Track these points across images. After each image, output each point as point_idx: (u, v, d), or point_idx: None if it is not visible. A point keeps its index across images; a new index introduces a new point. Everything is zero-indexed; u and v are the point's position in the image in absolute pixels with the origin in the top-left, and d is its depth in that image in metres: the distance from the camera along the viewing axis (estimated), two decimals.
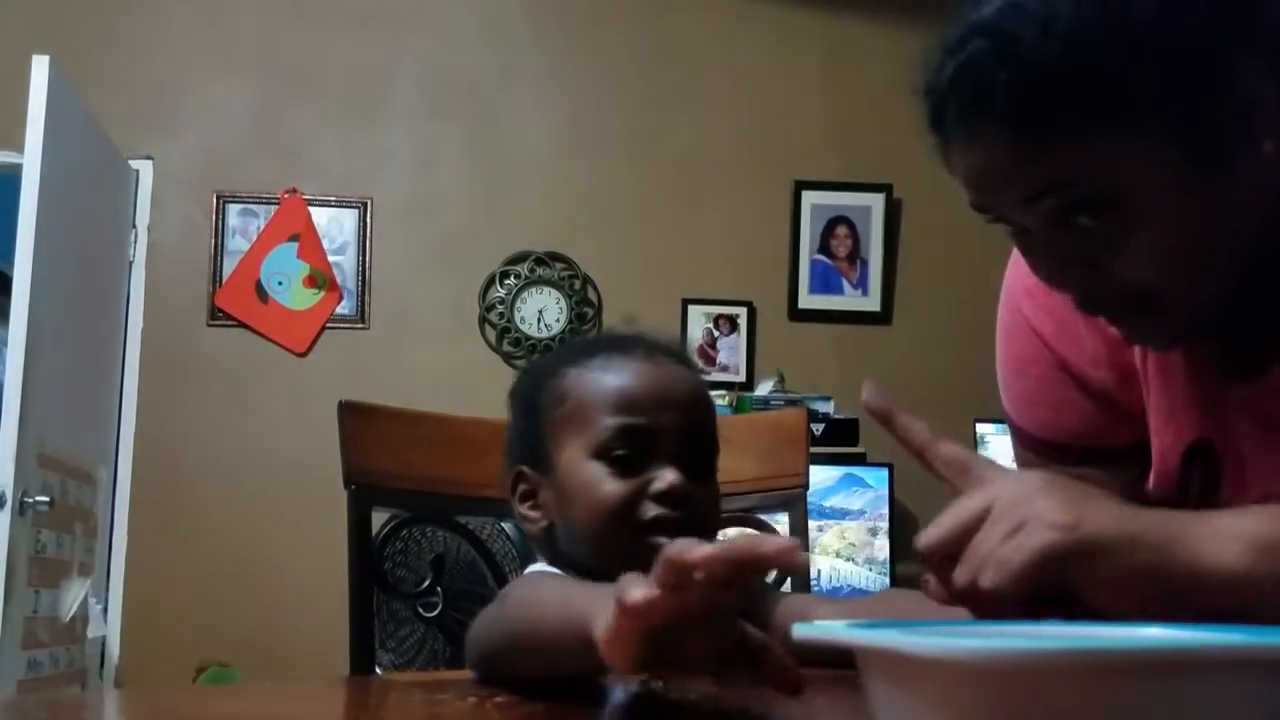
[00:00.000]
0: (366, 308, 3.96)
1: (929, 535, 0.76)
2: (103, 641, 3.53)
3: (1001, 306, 1.11)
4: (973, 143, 0.84)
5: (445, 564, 1.40)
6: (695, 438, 1.03)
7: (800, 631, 0.53)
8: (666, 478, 0.98)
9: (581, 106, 4.13)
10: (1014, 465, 1.11)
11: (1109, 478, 0.97)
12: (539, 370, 1.12)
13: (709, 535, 1.03)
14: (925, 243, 4.12)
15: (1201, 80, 0.80)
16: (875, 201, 4.15)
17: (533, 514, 1.05)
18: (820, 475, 3.62)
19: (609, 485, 0.98)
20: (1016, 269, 1.07)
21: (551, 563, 1.04)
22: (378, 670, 1.36)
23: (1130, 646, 0.47)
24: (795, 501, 1.47)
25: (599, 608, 0.63)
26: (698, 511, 0.99)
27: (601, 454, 0.99)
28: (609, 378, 1.02)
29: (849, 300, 4.15)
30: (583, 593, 0.73)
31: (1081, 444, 1.06)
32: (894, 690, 0.48)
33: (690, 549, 0.58)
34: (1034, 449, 1.09)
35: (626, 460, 0.99)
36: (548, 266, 4.02)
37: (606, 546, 0.97)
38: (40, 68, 2.97)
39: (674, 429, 1.01)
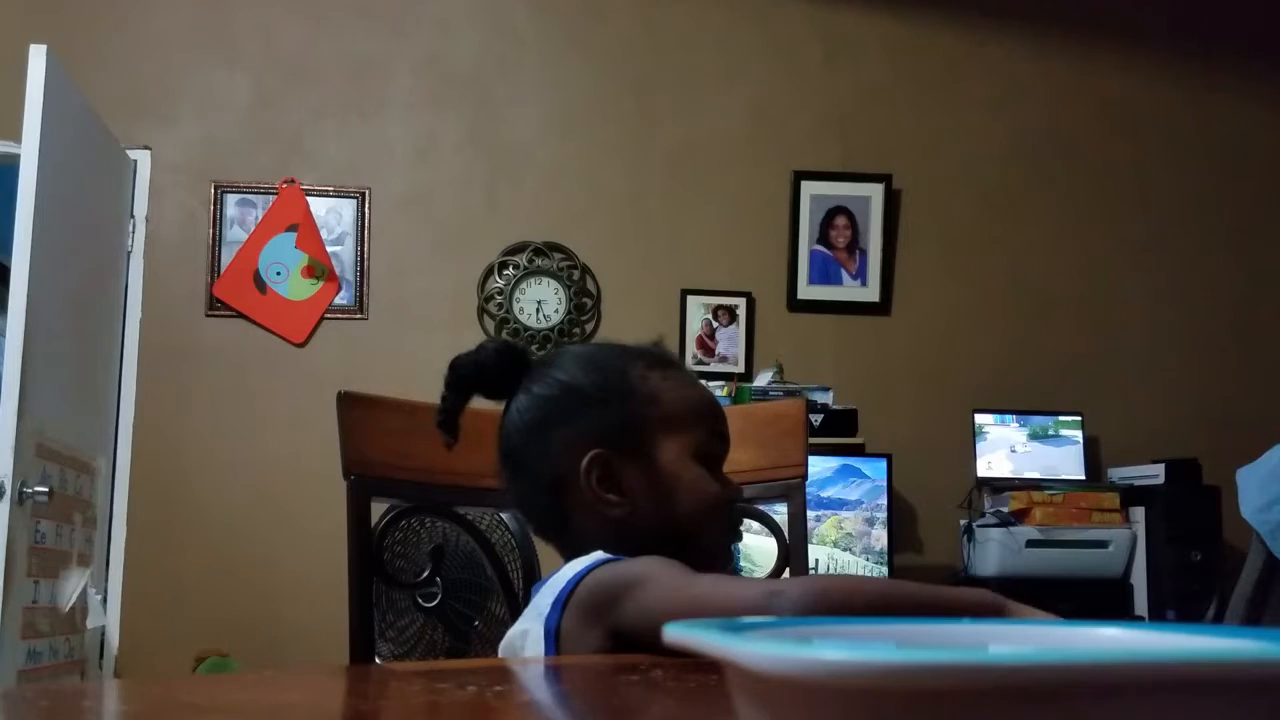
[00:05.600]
0: (365, 298, 3.96)
1: None
2: (102, 631, 3.53)
3: None
4: None
5: (444, 554, 1.40)
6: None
7: (671, 634, 0.40)
8: (742, 488, 1.17)
9: (580, 96, 4.12)
10: None
11: None
12: (605, 363, 1.13)
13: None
14: (924, 233, 4.11)
15: None
16: (874, 192, 4.14)
17: (613, 497, 1.08)
18: (818, 465, 3.63)
19: (713, 486, 1.11)
20: None
21: (615, 545, 1.01)
22: (377, 660, 1.36)
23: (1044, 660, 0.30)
24: (794, 491, 1.47)
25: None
26: None
27: (698, 456, 1.11)
28: (692, 391, 1.15)
29: (848, 291, 4.15)
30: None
31: None
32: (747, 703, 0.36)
33: None
34: None
35: (714, 467, 1.13)
36: (546, 257, 4.02)
37: (704, 535, 1.10)
38: (38, 57, 2.96)
39: (728, 440, 1.17)
